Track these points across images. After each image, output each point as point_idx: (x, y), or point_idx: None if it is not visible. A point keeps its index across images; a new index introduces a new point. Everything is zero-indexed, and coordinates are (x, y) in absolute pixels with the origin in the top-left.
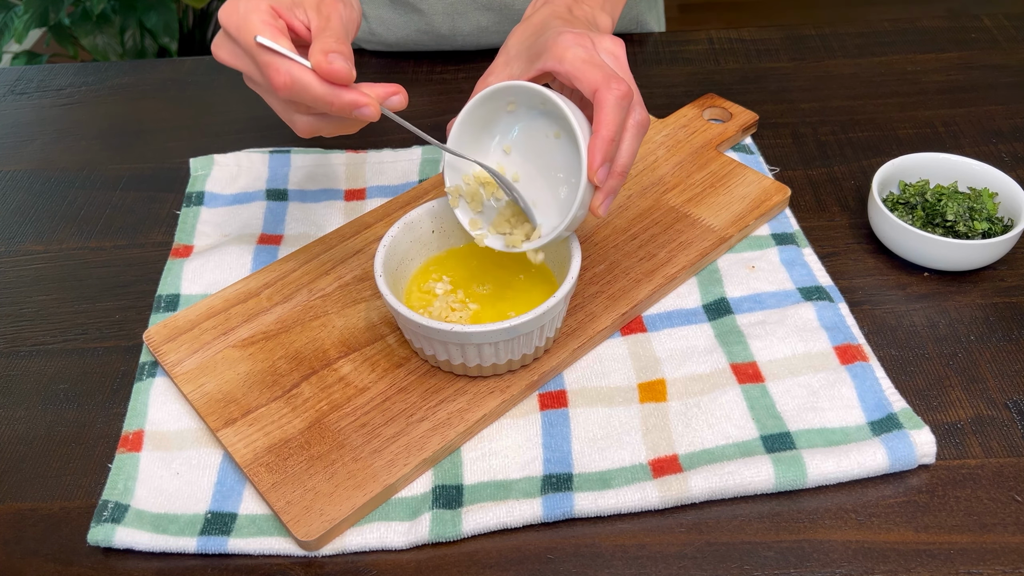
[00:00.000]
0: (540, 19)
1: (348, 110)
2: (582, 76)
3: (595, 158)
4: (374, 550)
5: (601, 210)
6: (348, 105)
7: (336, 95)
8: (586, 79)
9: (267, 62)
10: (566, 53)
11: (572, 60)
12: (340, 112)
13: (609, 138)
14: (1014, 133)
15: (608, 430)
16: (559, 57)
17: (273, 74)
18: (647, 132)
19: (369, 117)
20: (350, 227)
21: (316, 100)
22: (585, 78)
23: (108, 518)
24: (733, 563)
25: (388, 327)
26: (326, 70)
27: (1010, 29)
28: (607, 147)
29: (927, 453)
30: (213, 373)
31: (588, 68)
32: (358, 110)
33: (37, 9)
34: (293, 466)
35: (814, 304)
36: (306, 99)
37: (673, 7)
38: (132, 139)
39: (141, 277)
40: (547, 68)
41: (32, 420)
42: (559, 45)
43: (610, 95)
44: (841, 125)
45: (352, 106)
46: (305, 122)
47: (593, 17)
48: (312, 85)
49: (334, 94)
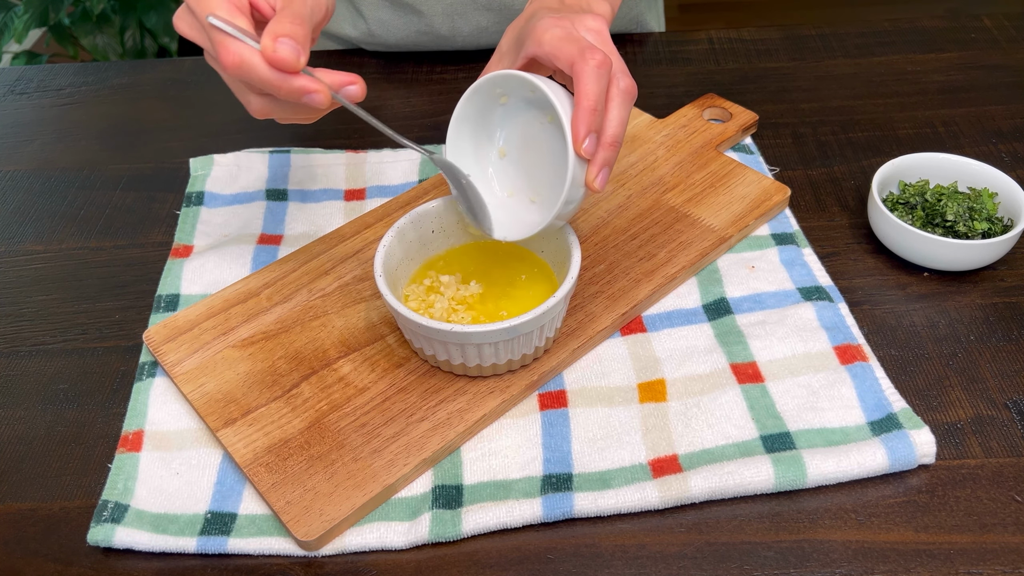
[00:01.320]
0: (530, 11)
1: (297, 96)
2: (559, 53)
3: (578, 130)
4: (374, 550)
5: (597, 183)
6: (297, 91)
7: (284, 80)
8: (563, 54)
9: (218, 40)
10: (544, 35)
11: (550, 40)
12: (288, 97)
13: (590, 108)
14: (1014, 133)
15: (608, 430)
16: (538, 40)
17: (223, 53)
18: (639, 117)
19: (318, 104)
20: (350, 227)
21: (264, 83)
22: (562, 54)
23: (108, 518)
24: (733, 563)
25: (388, 327)
26: (271, 56)
27: (1010, 29)
28: (589, 117)
29: (927, 453)
30: (213, 373)
31: (564, 44)
32: (307, 96)
33: (37, 9)
34: (293, 466)
35: (814, 304)
36: (254, 81)
37: (673, 7)
38: (132, 139)
39: (141, 277)
40: (529, 54)
41: (32, 420)
42: (538, 29)
43: (586, 65)
44: (841, 125)
45: (301, 92)
46: (258, 103)
47: (588, 5)
48: (259, 67)
49: (282, 79)
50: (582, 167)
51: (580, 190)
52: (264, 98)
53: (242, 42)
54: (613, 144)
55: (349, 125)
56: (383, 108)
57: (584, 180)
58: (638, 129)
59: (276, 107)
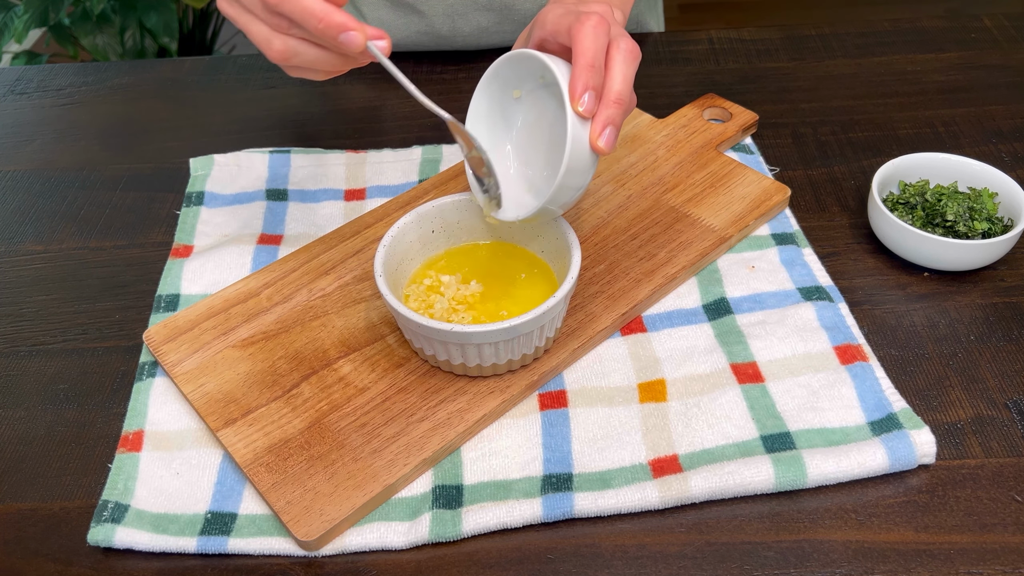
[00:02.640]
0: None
1: (336, 31)
2: (559, 27)
3: (575, 86)
4: (374, 550)
5: (601, 142)
6: (337, 26)
7: (328, 11)
8: (562, 25)
9: None
10: (547, 17)
11: (552, 20)
12: (327, 32)
13: (587, 64)
14: (1014, 133)
15: (608, 430)
16: (542, 23)
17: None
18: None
19: (354, 45)
20: (350, 227)
21: (305, 12)
22: (561, 26)
23: (108, 518)
24: (733, 563)
25: (388, 327)
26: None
27: (1010, 29)
28: (586, 73)
29: (927, 453)
30: (213, 373)
31: (564, 17)
32: (345, 34)
33: (37, 9)
34: (293, 466)
35: (814, 304)
36: (295, 11)
37: (673, 7)
38: (132, 139)
39: (141, 277)
40: (536, 39)
41: (32, 420)
42: (542, 15)
43: (582, 25)
44: (841, 125)
45: (340, 28)
46: (281, 43)
47: None
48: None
49: (326, 10)
50: (584, 127)
51: (585, 154)
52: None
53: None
54: (618, 101)
55: (349, 125)
56: (383, 108)
57: (588, 142)
58: (638, 129)
59: (302, 49)
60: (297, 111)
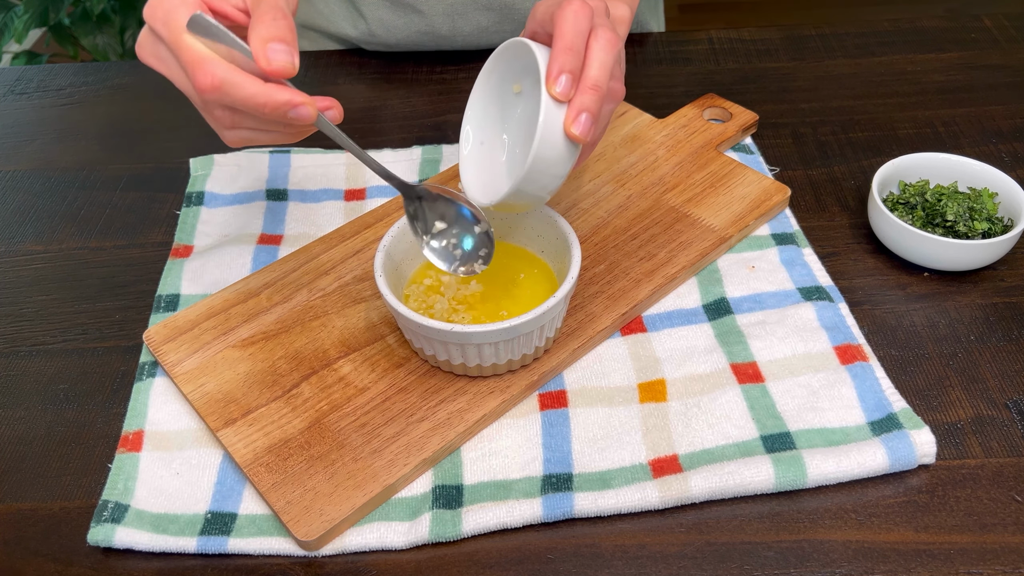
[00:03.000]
0: None
1: (283, 111)
2: (546, 16)
3: (551, 67)
4: (374, 550)
5: (575, 129)
6: (283, 105)
7: (269, 94)
8: (548, 14)
9: (191, 60)
10: (538, 8)
11: (541, 10)
12: (273, 114)
13: (564, 46)
14: (1014, 133)
15: (608, 430)
16: (533, 14)
17: (199, 75)
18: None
19: (305, 119)
20: (350, 227)
21: (247, 101)
22: (548, 14)
23: (108, 518)
24: (733, 563)
25: (388, 327)
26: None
27: (1010, 29)
28: (563, 56)
29: (927, 453)
30: (213, 373)
31: (551, 6)
32: (294, 110)
33: (37, 9)
34: (293, 466)
35: (814, 304)
36: (237, 101)
37: (673, 7)
38: (132, 139)
39: (141, 277)
40: (527, 32)
41: (32, 420)
42: (534, 7)
43: (564, 11)
44: (841, 125)
45: (287, 106)
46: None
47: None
48: (242, 85)
49: (267, 93)
50: (559, 111)
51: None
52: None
53: (217, 62)
54: (595, 88)
55: (349, 125)
56: (383, 108)
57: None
58: (638, 129)
59: (254, 131)
60: None
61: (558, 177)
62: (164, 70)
